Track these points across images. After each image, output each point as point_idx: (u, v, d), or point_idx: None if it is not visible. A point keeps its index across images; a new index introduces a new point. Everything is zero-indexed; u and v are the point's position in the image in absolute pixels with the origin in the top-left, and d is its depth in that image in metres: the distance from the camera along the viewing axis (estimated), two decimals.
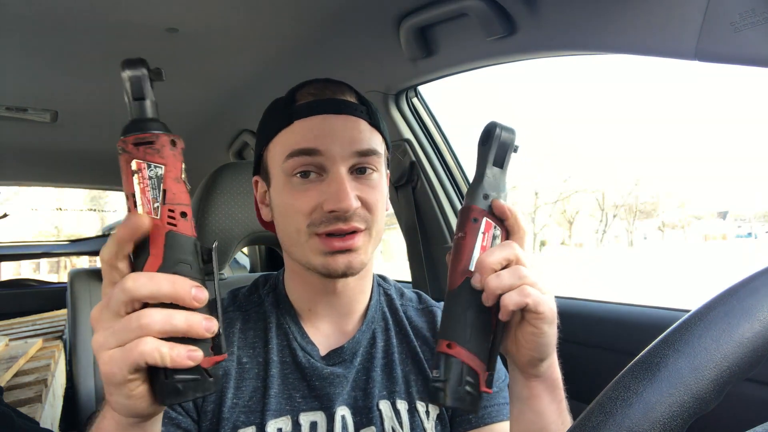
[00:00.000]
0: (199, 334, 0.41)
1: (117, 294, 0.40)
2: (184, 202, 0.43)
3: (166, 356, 0.40)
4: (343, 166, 0.63)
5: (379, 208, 0.67)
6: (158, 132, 0.43)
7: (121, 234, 0.41)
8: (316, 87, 0.68)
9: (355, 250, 0.64)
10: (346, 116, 0.66)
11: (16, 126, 1.70)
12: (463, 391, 0.50)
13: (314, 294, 0.71)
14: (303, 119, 0.65)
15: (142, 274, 0.41)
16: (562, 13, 0.85)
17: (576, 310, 1.17)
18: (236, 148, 1.98)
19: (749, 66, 0.64)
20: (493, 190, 0.53)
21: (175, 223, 0.43)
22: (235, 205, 1.17)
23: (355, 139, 0.65)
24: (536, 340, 0.52)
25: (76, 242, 2.97)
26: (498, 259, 0.51)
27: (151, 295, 0.40)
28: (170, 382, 0.41)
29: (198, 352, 0.41)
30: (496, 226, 0.53)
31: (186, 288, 0.41)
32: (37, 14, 1.04)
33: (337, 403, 0.68)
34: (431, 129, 1.43)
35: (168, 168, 0.43)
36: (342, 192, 0.62)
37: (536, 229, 29.66)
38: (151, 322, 0.40)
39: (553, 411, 0.57)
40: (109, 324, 0.41)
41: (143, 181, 0.42)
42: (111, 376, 0.41)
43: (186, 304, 0.41)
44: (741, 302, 0.31)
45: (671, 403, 0.28)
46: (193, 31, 1.14)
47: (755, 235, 19.15)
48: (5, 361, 1.45)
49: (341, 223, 0.62)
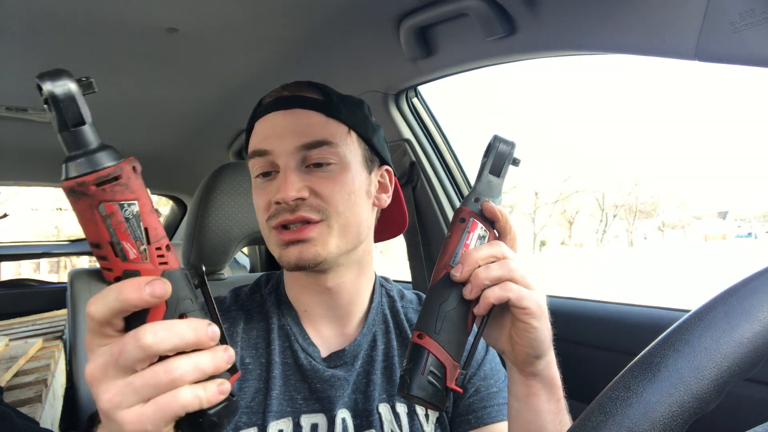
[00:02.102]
0: (224, 368, 0.40)
1: (132, 352, 0.36)
2: (163, 233, 0.38)
3: (204, 400, 0.38)
4: (291, 161, 0.65)
5: (338, 199, 0.65)
6: (118, 162, 0.36)
7: (123, 300, 0.36)
8: (278, 89, 0.71)
9: (307, 240, 0.64)
10: (294, 111, 0.67)
11: (16, 126, 1.70)
12: (426, 382, 0.50)
13: (307, 294, 0.71)
14: (259, 120, 0.69)
15: (158, 325, 0.37)
16: (562, 13, 0.85)
17: (576, 310, 1.17)
18: (236, 148, 1.98)
19: (749, 66, 0.64)
20: (486, 195, 0.55)
21: (165, 260, 0.38)
22: (235, 205, 1.17)
23: (301, 132, 0.66)
24: (528, 336, 0.52)
25: (76, 242, 2.96)
26: (484, 254, 0.52)
27: (175, 348, 0.37)
28: (207, 420, 0.39)
29: (226, 384, 0.39)
30: (484, 227, 0.55)
31: (204, 331, 0.38)
32: (37, 14, 1.04)
33: (338, 405, 0.68)
34: (431, 129, 1.43)
35: (142, 201, 0.36)
36: (282, 184, 0.64)
37: (536, 229, 29.65)
38: (184, 374, 0.37)
39: (551, 410, 0.57)
40: (121, 381, 0.37)
41: (119, 225, 0.36)
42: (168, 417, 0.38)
43: (206, 347, 0.39)
44: (741, 302, 0.31)
45: (671, 403, 0.28)
46: (193, 31, 1.13)
47: (755, 235, 19.13)
48: (5, 361, 1.45)
49: (287, 214, 0.64)
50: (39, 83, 0.34)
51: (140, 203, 0.36)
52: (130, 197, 0.36)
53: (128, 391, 0.37)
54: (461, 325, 0.52)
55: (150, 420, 0.37)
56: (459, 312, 0.52)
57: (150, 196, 0.38)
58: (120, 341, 0.37)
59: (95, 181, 0.35)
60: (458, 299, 0.52)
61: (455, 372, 0.52)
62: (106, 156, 0.36)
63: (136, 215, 0.36)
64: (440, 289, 0.53)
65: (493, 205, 0.54)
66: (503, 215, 0.54)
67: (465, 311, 0.52)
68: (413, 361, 0.51)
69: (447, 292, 0.52)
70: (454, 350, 0.52)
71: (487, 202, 0.54)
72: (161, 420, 0.37)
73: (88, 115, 0.36)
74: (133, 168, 0.37)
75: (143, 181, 0.38)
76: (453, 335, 0.52)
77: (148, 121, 1.77)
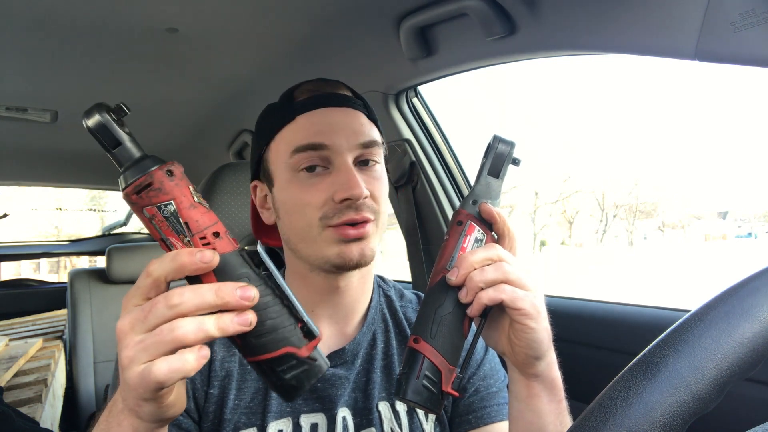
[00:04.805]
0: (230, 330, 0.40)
1: (161, 310, 0.39)
2: (210, 223, 0.42)
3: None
4: (350, 158, 0.64)
5: (384, 200, 0.68)
6: (150, 170, 0.41)
7: (186, 263, 0.40)
8: (313, 84, 0.69)
9: (367, 238, 0.64)
10: (347, 109, 0.67)
11: (16, 126, 1.70)
12: (421, 386, 0.50)
13: (316, 294, 0.71)
14: (305, 114, 0.66)
15: (186, 288, 0.40)
16: (562, 13, 0.85)
17: (576, 310, 1.17)
18: (236, 148, 1.98)
19: (749, 66, 0.64)
20: (484, 197, 0.55)
21: (213, 246, 0.42)
22: (235, 205, 1.17)
23: (358, 131, 0.66)
24: (526, 337, 0.52)
25: (76, 242, 2.97)
26: (480, 258, 0.51)
27: (198, 308, 0.39)
28: (283, 383, 0.43)
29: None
30: (481, 230, 0.54)
31: (230, 293, 0.40)
32: (37, 14, 1.04)
33: (338, 404, 0.68)
34: (431, 129, 1.43)
35: (177, 200, 0.41)
36: (352, 180, 0.62)
37: (536, 229, 29.63)
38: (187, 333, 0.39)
39: (552, 411, 0.57)
40: (140, 338, 0.40)
41: (162, 223, 0.41)
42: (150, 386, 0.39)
43: (235, 307, 0.40)
44: (741, 302, 0.31)
45: (671, 403, 0.28)
46: (193, 31, 1.13)
47: (755, 235, 19.12)
48: (5, 361, 1.45)
49: (353, 213, 0.63)
50: (83, 117, 0.41)
51: (176, 201, 0.41)
52: (164, 199, 0.41)
53: (140, 348, 0.39)
54: (457, 329, 0.52)
55: (160, 374, 0.38)
56: (455, 316, 0.52)
57: (191, 192, 0.42)
58: (153, 300, 0.40)
59: (134, 191, 0.41)
60: (454, 303, 0.52)
61: (451, 376, 0.52)
62: (142, 166, 0.41)
63: (174, 213, 0.41)
64: (436, 293, 0.53)
65: (491, 207, 0.54)
66: (501, 217, 0.54)
67: (461, 315, 0.52)
68: (409, 365, 0.51)
69: (443, 296, 0.52)
70: (450, 354, 0.52)
71: (485, 204, 0.54)
72: (169, 373, 0.38)
73: (123, 135, 0.42)
74: (168, 172, 0.41)
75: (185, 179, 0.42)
76: (449, 339, 0.52)
77: (148, 121, 1.77)
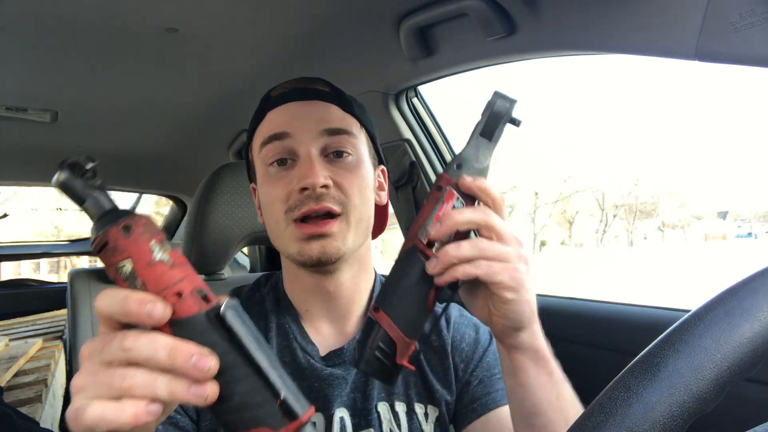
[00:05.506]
0: (191, 375, 0.35)
1: (113, 348, 0.36)
2: (171, 282, 0.37)
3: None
4: (314, 147, 0.64)
5: (356, 193, 0.65)
6: (104, 230, 0.38)
7: (133, 312, 0.36)
8: (289, 82, 0.71)
9: (329, 235, 0.63)
10: (315, 101, 0.68)
11: (16, 126, 1.69)
12: (373, 357, 0.48)
13: (308, 294, 0.71)
14: (274, 109, 0.68)
15: (144, 334, 0.36)
16: (562, 13, 0.85)
17: (576, 310, 1.17)
18: (236, 148, 1.98)
19: (749, 66, 0.64)
20: (471, 161, 0.50)
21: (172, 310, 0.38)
22: (235, 205, 1.17)
23: (323, 119, 0.66)
24: (504, 308, 0.50)
25: (76, 242, 2.96)
26: (464, 218, 0.48)
27: (148, 360, 0.35)
28: None
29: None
30: (460, 198, 0.50)
31: (183, 357, 0.35)
32: (36, 14, 1.04)
33: (336, 404, 0.68)
34: (431, 129, 1.43)
35: (134, 258, 0.37)
36: (309, 169, 0.62)
37: (536, 230, 29.65)
38: (134, 386, 0.35)
39: (542, 385, 0.53)
40: (94, 370, 0.37)
41: (123, 283, 0.38)
42: (79, 426, 0.35)
43: (189, 376, 0.35)
44: (741, 302, 0.31)
45: (671, 403, 0.28)
46: (193, 31, 1.13)
47: (755, 235, 19.09)
48: (5, 361, 1.45)
49: (312, 203, 0.62)
50: None
51: (133, 260, 0.37)
52: (120, 258, 0.37)
53: (92, 381, 0.36)
54: (420, 301, 0.49)
55: (90, 417, 0.35)
56: (419, 287, 0.49)
57: (149, 248, 0.37)
58: (111, 335, 0.37)
59: (95, 250, 0.39)
60: (420, 274, 0.49)
61: (408, 349, 0.49)
62: (101, 223, 0.38)
63: (131, 273, 0.37)
64: (403, 262, 0.50)
65: (469, 180, 0.49)
66: (481, 188, 0.49)
67: (426, 287, 0.49)
68: (364, 334, 0.50)
69: (410, 266, 0.49)
70: (408, 326, 0.49)
71: (463, 178, 0.49)
72: (99, 419, 0.35)
73: (87, 191, 0.39)
74: (124, 228, 0.37)
75: (149, 232, 0.38)
76: (408, 311, 0.49)
77: (148, 121, 1.77)
